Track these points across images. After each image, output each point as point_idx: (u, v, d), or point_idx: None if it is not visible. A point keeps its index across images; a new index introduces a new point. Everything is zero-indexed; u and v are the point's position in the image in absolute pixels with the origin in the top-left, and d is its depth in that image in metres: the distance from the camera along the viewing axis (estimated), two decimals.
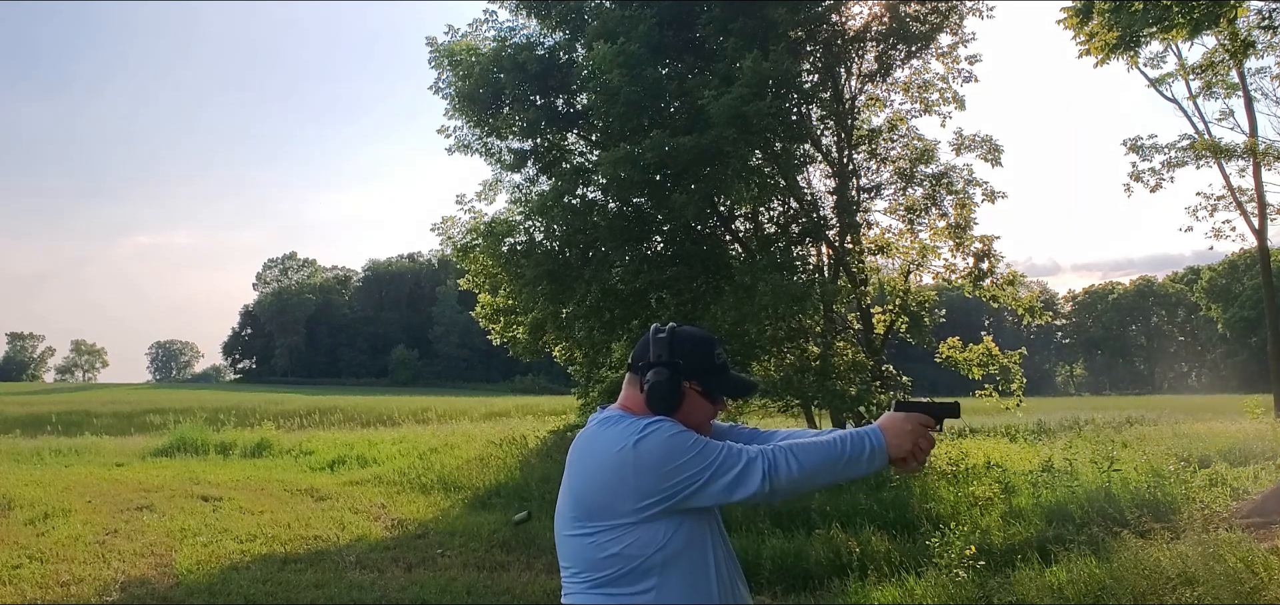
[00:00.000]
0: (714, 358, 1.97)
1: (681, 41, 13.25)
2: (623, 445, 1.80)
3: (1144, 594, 5.29)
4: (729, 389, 1.98)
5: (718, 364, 1.97)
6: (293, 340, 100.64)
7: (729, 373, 1.99)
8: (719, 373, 1.97)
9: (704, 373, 1.95)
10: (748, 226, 14.94)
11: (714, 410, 1.97)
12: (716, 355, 1.97)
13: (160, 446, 18.03)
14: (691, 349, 1.95)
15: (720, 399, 1.98)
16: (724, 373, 1.98)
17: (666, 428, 1.82)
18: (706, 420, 1.97)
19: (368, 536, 9.10)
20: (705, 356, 1.96)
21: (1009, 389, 13.24)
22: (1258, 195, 22.77)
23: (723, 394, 1.98)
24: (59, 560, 7.85)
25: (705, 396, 1.95)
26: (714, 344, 1.99)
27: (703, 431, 1.94)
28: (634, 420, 1.87)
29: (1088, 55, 11.15)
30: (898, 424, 1.79)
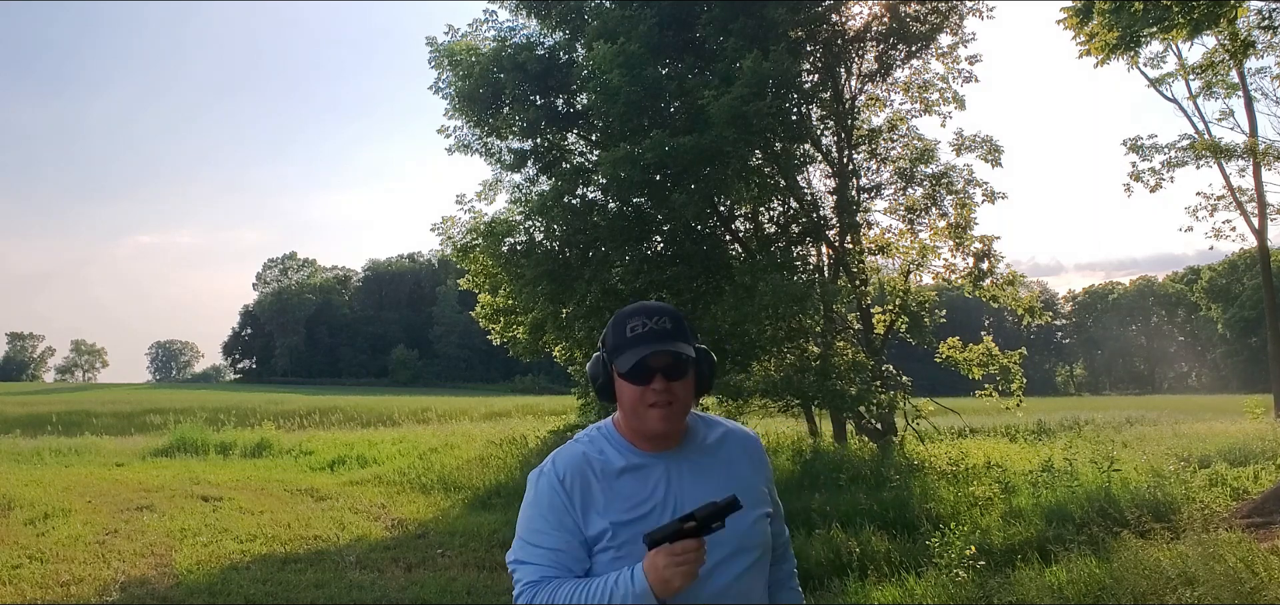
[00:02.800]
0: (625, 330, 1.77)
1: (681, 41, 13.25)
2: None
3: (1144, 594, 5.28)
4: (625, 366, 1.75)
5: (627, 337, 1.76)
6: (293, 340, 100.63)
7: (631, 346, 1.75)
8: (625, 347, 1.75)
9: (616, 349, 1.77)
10: (748, 226, 14.94)
11: (640, 392, 1.75)
12: (627, 328, 1.77)
13: (160, 446, 18.02)
14: (611, 327, 1.82)
15: (639, 381, 1.74)
16: (626, 346, 1.75)
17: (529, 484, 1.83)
18: (638, 403, 1.76)
19: (368, 536, 9.10)
20: (617, 331, 1.79)
21: (1009, 389, 13.24)
22: (1258, 195, 22.78)
23: (625, 372, 1.75)
24: (59, 560, 7.85)
25: (625, 378, 1.76)
26: (629, 316, 1.79)
27: (644, 426, 1.77)
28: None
29: (1088, 55, 11.16)
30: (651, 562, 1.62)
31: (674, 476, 1.79)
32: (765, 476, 1.93)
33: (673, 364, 1.75)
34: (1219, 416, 20.34)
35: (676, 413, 1.77)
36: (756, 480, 1.88)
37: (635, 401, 1.76)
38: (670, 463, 1.81)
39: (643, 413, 1.76)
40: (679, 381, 1.76)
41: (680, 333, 1.77)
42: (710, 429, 1.90)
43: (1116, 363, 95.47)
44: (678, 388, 1.77)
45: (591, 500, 1.75)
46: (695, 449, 1.85)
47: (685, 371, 1.77)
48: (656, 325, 1.75)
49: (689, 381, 1.80)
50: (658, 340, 1.74)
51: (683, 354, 1.76)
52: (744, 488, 1.78)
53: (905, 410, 12.51)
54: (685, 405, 1.80)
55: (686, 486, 1.78)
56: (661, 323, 1.76)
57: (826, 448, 12.66)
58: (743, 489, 1.75)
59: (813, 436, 14.14)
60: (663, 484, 1.78)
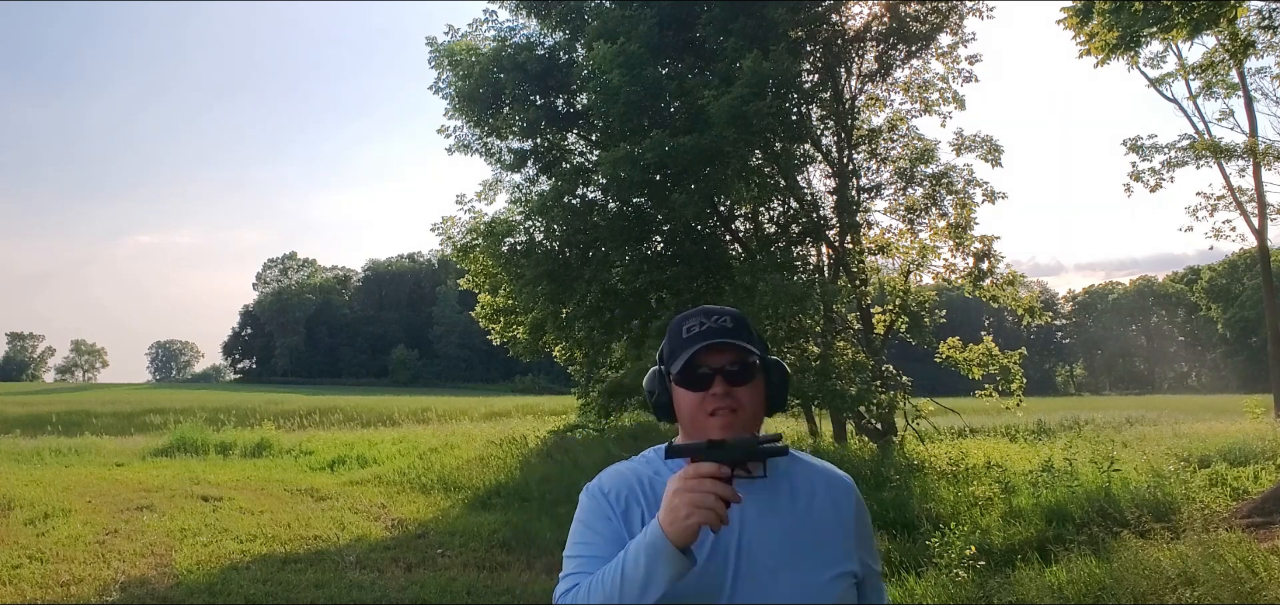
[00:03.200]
0: (681, 332, 1.60)
1: (681, 41, 13.26)
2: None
3: (1144, 594, 5.29)
4: (680, 372, 1.57)
5: (682, 338, 1.58)
6: (293, 340, 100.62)
7: (687, 347, 1.57)
8: (681, 349, 1.58)
9: (672, 354, 1.60)
10: (748, 226, 14.94)
11: (699, 399, 1.55)
12: (683, 329, 1.60)
13: (160, 446, 18.02)
14: (667, 334, 1.65)
15: (696, 385, 1.56)
16: (682, 349, 1.57)
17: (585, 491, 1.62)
18: (698, 412, 1.56)
19: (368, 536, 9.10)
20: (673, 336, 1.62)
21: (1009, 389, 13.25)
22: (1258, 195, 22.77)
23: (681, 376, 1.57)
24: (59, 560, 7.85)
25: (682, 385, 1.58)
26: (686, 318, 1.62)
27: (696, 429, 1.55)
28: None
29: (1088, 55, 11.15)
30: (667, 494, 1.38)
31: (737, 510, 1.45)
32: (856, 532, 1.62)
33: (735, 364, 1.56)
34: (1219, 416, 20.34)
35: (741, 424, 1.55)
36: (839, 533, 1.59)
37: (694, 410, 1.56)
38: (745, 497, 1.50)
39: (702, 423, 1.55)
40: (743, 387, 1.56)
41: (743, 332, 1.59)
42: (794, 463, 1.64)
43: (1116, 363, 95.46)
44: (742, 394, 1.56)
45: (634, 519, 1.53)
46: (772, 483, 1.57)
47: (750, 375, 1.57)
48: (715, 323, 1.58)
49: (756, 390, 1.58)
50: (714, 335, 1.56)
51: (746, 353, 1.57)
52: (822, 539, 1.55)
53: (905, 410, 12.51)
54: (752, 417, 1.57)
55: (751, 523, 1.51)
56: (721, 321, 1.59)
57: (826, 448, 12.66)
58: (821, 541, 1.55)
59: (813, 436, 14.15)
60: (735, 525, 1.50)
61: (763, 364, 1.61)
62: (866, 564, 1.63)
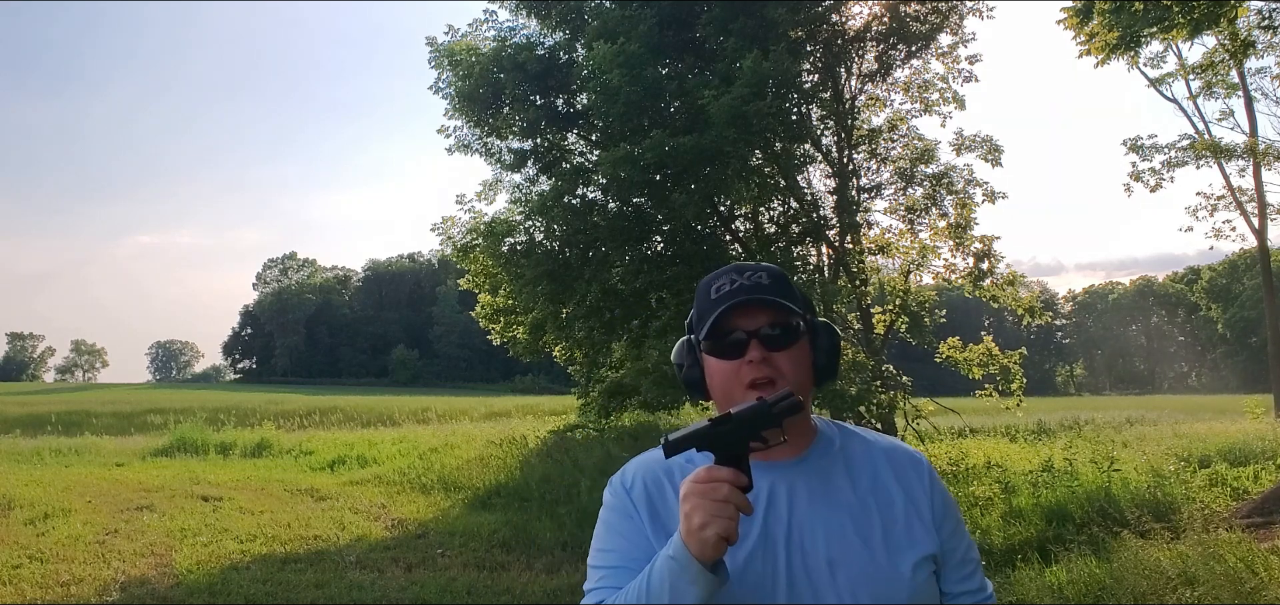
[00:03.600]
0: (710, 292, 1.39)
1: (681, 41, 13.25)
2: None
3: (1144, 594, 5.29)
4: (709, 337, 1.38)
5: (711, 299, 1.38)
6: (293, 340, 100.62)
7: (714, 310, 1.37)
8: (710, 312, 1.37)
9: (701, 318, 1.40)
10: (748, 226, 14.94)
11: (733, 369, 1.35)
12: (712, 289, 1.39)
13: (160, 446, 18.02)
14: (696, 298, 1.45)
15: (729, 352, 1.35)
16: (711, 310, 1.37)
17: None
18: (733, 385, 1.35)
19: (368, 536, 9.10)
20: (701, 297, 1.42)
21: (1009, 389, 13.25)
22: (1258, 195, 22.79)
23: (711, 342, 1.38)
24: (59, 560, 7.85)
25: (713, 354, 1.38)
26: (716, 277, 1.41)
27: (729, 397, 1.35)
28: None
29: (1088, 55, 11.14)
30: (681, 500, 1.21)
31: (785, 496, 1.33)
32: (934, 510, 1.39)
33: (774, 326, 1.34)
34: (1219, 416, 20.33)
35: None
36: (910, 514, 1.36)
37: (728, 383, 1.35)
38: (783, 477, 1.35)
39: (739, 399, 1.32)
40: (784, 352, 1.33)
41: (783, 288, 1.36)
42: (850, 440, 1.43)
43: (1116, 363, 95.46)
44: (783, 360, 1.33)
45: (664, 514, 1.34)
46: (824, 463, 1.38)
47: (792, 338, 1.34)
48: (749, 279, 1.36)
49: (800, 356, 1.35)
50: (747, 293, 1.34)
51: (787, 312, 1.34)
52: (889, 522, 1.34)
53: (905, 410, 12.51)
54: (797, 389, 1.31)
55: (802, 511, 1.32)
56: (756, 277, 1.36)
57: None
58: (889, 526, 1.34)
59: None
60: (765, 503, 1.32)
61: (808, 326, 1.38)
62: (949, 547, 1.38)
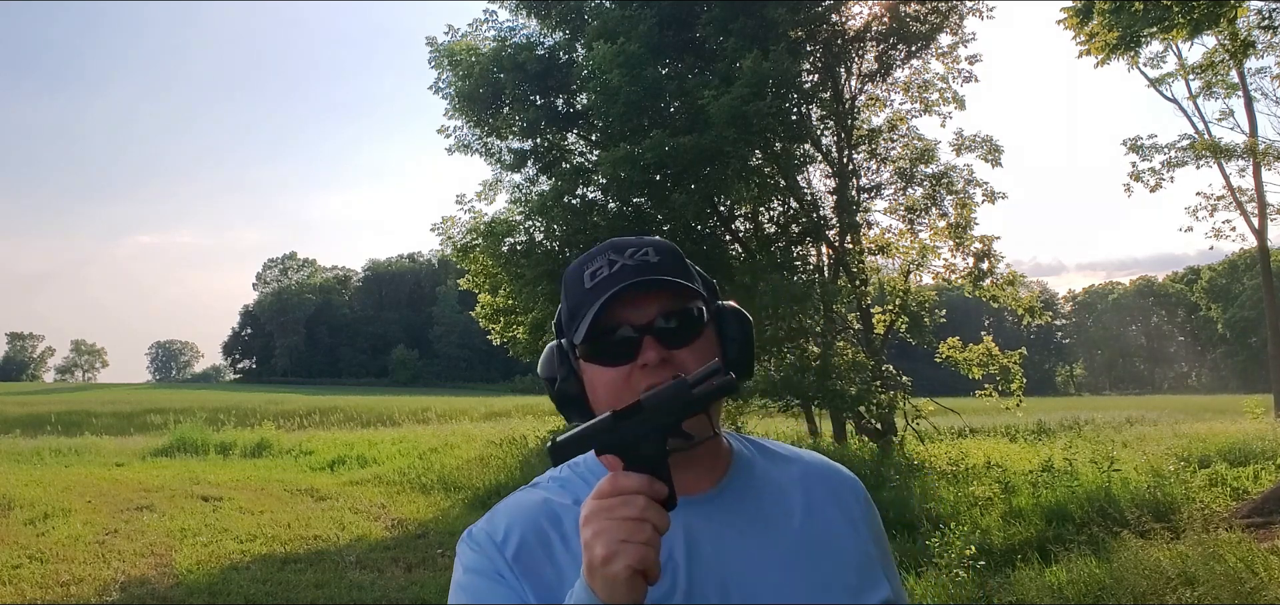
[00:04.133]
0: (583, 280, 1.06)
1: (681, 41, 13.26)
2: None
3: (1144, 594, 5.29)
4: (586, 339, 1.04)
5: (586, 289, 1.05)
6: (293, 340, 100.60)
7: (591, 303, 1.03)
8: (586, 306, 1.04)
9: (574, 314, 1.07)
10: (748, 226, 14.94)
11: (623, 376, 1.02)
12: (586, 275, 1.06)
13: (160, 446, 18.02)
14: (564, 287, 1.11)
15: (614, 356, 1.03)
16: (587, 304, 1.04)
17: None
18: (624, 398, 0.97)
19: (368, 536, 9.10)
20: (572, 287, 1.08)
21: (1009, 389, 13.25)
22: (1258, 195, 22.79)
23: (590, 345, 1.04)
24: (59, 560, 7.85)
25: (594, 360, 1.05)
26: (588, 259, 1.08)
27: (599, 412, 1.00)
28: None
29: (1088, 55, 11.15)
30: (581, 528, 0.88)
31: (710, 540, 1.02)
32: (874, 542, 1.12)
33: (670, 316, 1.03)
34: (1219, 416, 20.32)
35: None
36: (855, 546, 1.09)
37: (618, 393, 1.01)
38: (701, 515, 1.03)
39: (615, 395, 1.02)
40: (687, 347, 1.03)
41: (676, 265, 1.07)
42: (771, 459, 1.14)
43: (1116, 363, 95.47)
44: (687, 358, 1.02)
45: (551, 572, 0.99)
46: (745, 492, 1.08)
47: (695, 328, 1.04)
48: (632, 258, 1.04)
49: (707, 349, 1.04)
50: (632, 276, 1.03)
51: (687, 295, 1.04)
52: (837, 558, 1.06)
53: (905, 410, 12.51)
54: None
55: (735, 557, 1.02)
56: (641, 254, 1.05)
57: (826, 448, 12.66)
58: (837, 562, 1.05)
59: (813, 436, 14.14)
60: (680, 550, 1.00)
61: (713, 312, 1.08)
62: (897, 589, 1.11)
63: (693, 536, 1.02)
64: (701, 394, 0.91)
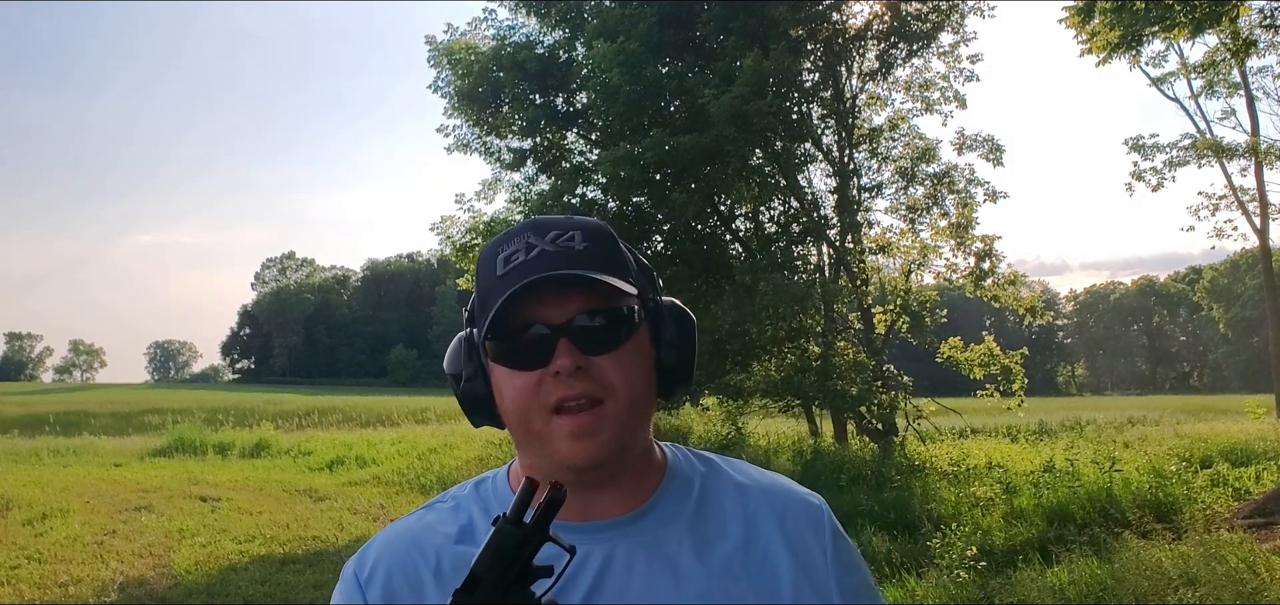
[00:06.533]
0: (496, 266, 0.91)
1: (681, 40, 13.24)
2: None
3: (1146, 594, 5.27)
4: (492, 334, 0.88)
5: (497, 277, 0.90)
6: (291, 340, 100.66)
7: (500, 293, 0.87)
8: (494, 295, 0.89)
9: (484, 303, 0.91)
10: (748, 226, 14.92)
11: (532, 384, 0.87)
12: (499, 259, 0.91)
13: (158, 447, 18.00)
14: (476, 270, 0.97)
15: (525, 359, 0.88)
16: (495, 294, 0.89)
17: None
18: (531, 410, 0.88)
19: (367, 537, 9.04)
20: (484, 271, 0.93)
21: (1010, 389, 13.23)
22: (1259, 194, 22.79)
23: (498, 343, 0.89)
24: (57, 561, 7.83)
25: (502, 361, 0.90)
26: (504, 241, 0.93)
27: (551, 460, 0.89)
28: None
29: (1089, 54, 11.12)
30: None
31: (614, 566, 0.90)
32: (836, 576, 0.94)
33: (592, 313, 0.88)
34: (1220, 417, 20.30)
35: (610, 423, 0.87)
36: (803, 584, 0.92)
37: (525, 403, 0.88)
38: (617, 547, 0.91)
39: (543, 431, 0.88)
40: (609, 354, 0.88)
41: (606, 254, 0.91)
42: (717, 481, 0.98)
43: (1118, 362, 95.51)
44: (609, 367, 0.87)
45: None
46: (674, 514, 0.93)
47: (623, 330, 0.89)
48: (553, 243, 0.89)
49: (635, 355, 0.90)
50: (551, 265, 0.87)
51: (612, 292, 0.88)
52: (769, 592, 0.91)
53: (906, 410, 12.49)
54: (632, 407, 0.89)
55: (638, 584, 0.89)
56: (565, 239, 0.90)
57: (827, 448, 12.64)
58: (766, 596, 0.90)
59: (813, 437, 14.12)
60: (590, 582, 0.89)
61: (646, 309, 0.92)
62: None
63: (609, 565, 0.90)
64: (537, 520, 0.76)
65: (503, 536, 0.76)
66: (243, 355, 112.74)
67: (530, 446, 0.91)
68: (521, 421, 0.90)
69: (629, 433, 0.90)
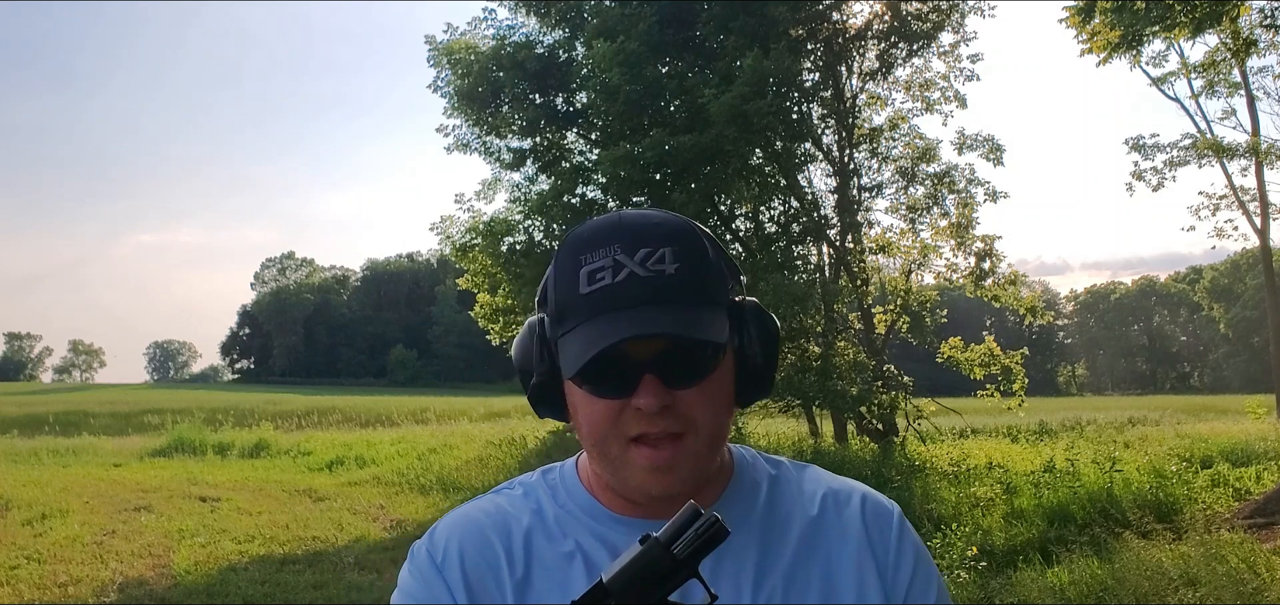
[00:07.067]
0: (580, 277, 0.84)
1: (681, 39, 13.23)
2: None
3: (1146, 595, 5.26)
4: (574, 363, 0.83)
5: (580, 294, 0.84)
6: (291, 340, 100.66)
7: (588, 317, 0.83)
8: (577, 315, 0.84)
9: (562, 316, 0.86)
10: (748, 226, 14.92)
11: (611, 413, 0.84)
12: (583, 271, 0.84)
13: (158, 447, 18.00)
14: (556, 267, 0.89)
15: (607, 388, 0.84)
16: (578, 314, 0.84)
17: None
18: (608, 435, 0.85)
19: (366, 537, 9.07)
20: (564, 274, 0.86)
21: (1011, 389, 13.23)
22: (1260, 194, 22.78)
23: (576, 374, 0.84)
24: (56, 561, 7.82)
25: (582, 382, 0.85)
26: (589, 242, 0.85)
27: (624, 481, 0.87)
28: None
29: (1089, 54, 11.12)
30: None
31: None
32: (904, 588, 0.91)
33: (680, 351, 0.83)
34: (1221, 417, 20.30)
35: (689, 458, 0.85)
36: (873, 596, 0.89)
37: (602, 428, 0.85)
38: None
39: (616, 453, 0.86)
40: (696, 386, 0.84)
41: (696, 277, 0.84)
42: (784, 487, 0.96)
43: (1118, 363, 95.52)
44: (691, 400, 0.84)
45: (495, 593, 0.88)
46: (740, 526, 0.87)
47: (705, 368, 0.84)
48: (645, 266, 0.82)
49: (719, 385, 0.86)
50: (641, 296, 0.82)
51: (700, 332, 0.82)
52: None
53: (906, 410, 12.48)
54: (712, 439, 0.87)
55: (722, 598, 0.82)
56: (655, 261, 0.83)
57: (827, 448, 12.63)
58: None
59: (813, 437, 14.11)
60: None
61: (733, 319, 0.88)
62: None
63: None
64: (691, 554, 0.69)
65: (649, 560, 0.69)
66: (242, 355, 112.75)
67: (604, 465, 0.89)
68: (597, 444, 0.87)
69: (707, 463, 0.89)
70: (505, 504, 0.95)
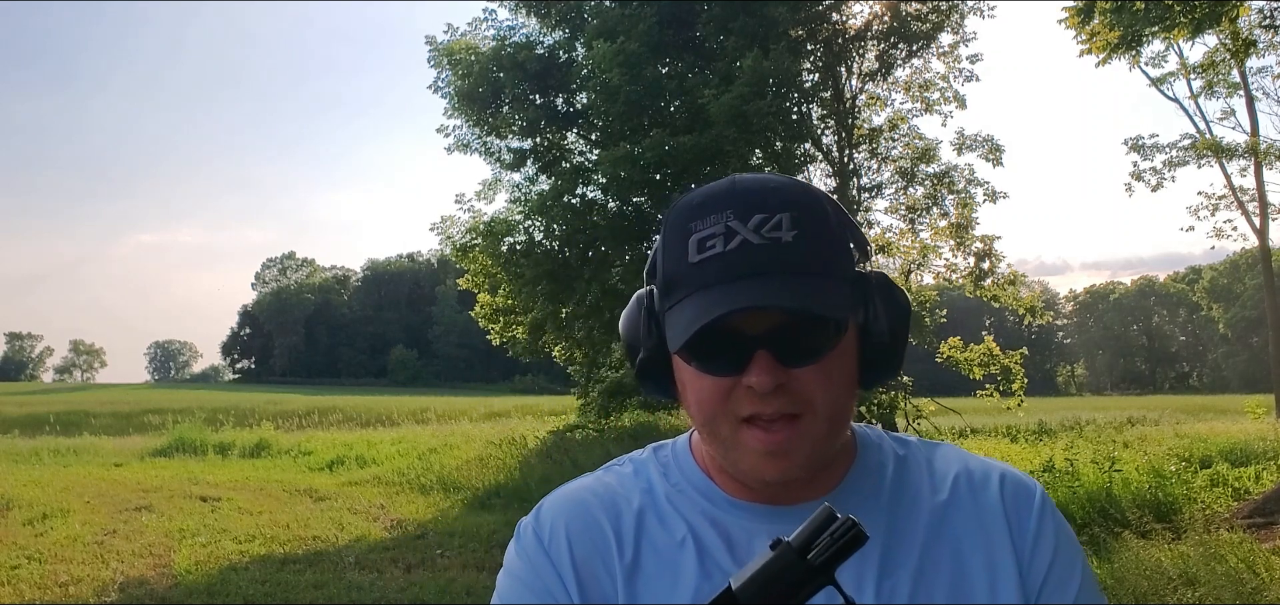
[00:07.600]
0: (689, 245, 0.79)
1: (682, 40, 13.25)
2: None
3: (1145, 594, 5.27)
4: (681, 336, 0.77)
5: (690, 263, 0.79)
6: (291, 340, 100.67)
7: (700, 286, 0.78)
8: (687, 286, 0.79)
9: (671, 287, 0.81)
10: None
11: (721, 390, 0.78)
12: (693, 239, 0.78)
13: (159, 447, 18.00)
14: (667, 231, 0.82)
15: (718, 364, 0.78)
16: (690, 285, 0.78)
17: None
18: (717, 414, 0.79)
19: (367, 537, 9.08)
20: (674, 241, 0.81)
21: (1010, 389, 13.26)
22: (1259, 194, 22.81)
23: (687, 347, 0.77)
24: (57, 561, 7.83)
25: (689, 358, 0.80)
26: (702, 207, 0.79)
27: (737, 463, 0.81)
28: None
29: (1089, 54, 11.13)
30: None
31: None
32: (1042, 570, 0.83)
33: (795, 327, 0.77)
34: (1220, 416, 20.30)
35: (806, 442, 0.79)
36: (1007, 580, 0.82)
37: (711, 405, 0.80)
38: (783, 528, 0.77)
39: (727, 434, 0.80)
40: (811, 365, 0.77)
41: (816, 245, 0.78)
42: (912, 467, 0.89)
43: (1118, 363, 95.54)
44: (808, 378, 0.77)
45: (606, 586, 0.83)
46: (863, 508, 0.82)
47: (824, 344, 0.78)
48: (760, 234, 0.76)
49: (840, 364, 0.79)
50: (755, 265, 0.76)
51: (818, 306, 0.76)
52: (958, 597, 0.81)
53: (906, 410, 12.50)
54: (831, 421, 0.80)
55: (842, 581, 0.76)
56: (771, 228, 0.77)
57: None
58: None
59: None
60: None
61: (858, 292, 0.81)
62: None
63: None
64: (827, 561, 0.63)
65: (782, 565, 0.63)
66: (243, 355, 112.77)
67: (714, 446, 0.83)
68: (707, 423, 0.81)
69: (826, 447, 0.81)
70: (614, 483, 0.89)
